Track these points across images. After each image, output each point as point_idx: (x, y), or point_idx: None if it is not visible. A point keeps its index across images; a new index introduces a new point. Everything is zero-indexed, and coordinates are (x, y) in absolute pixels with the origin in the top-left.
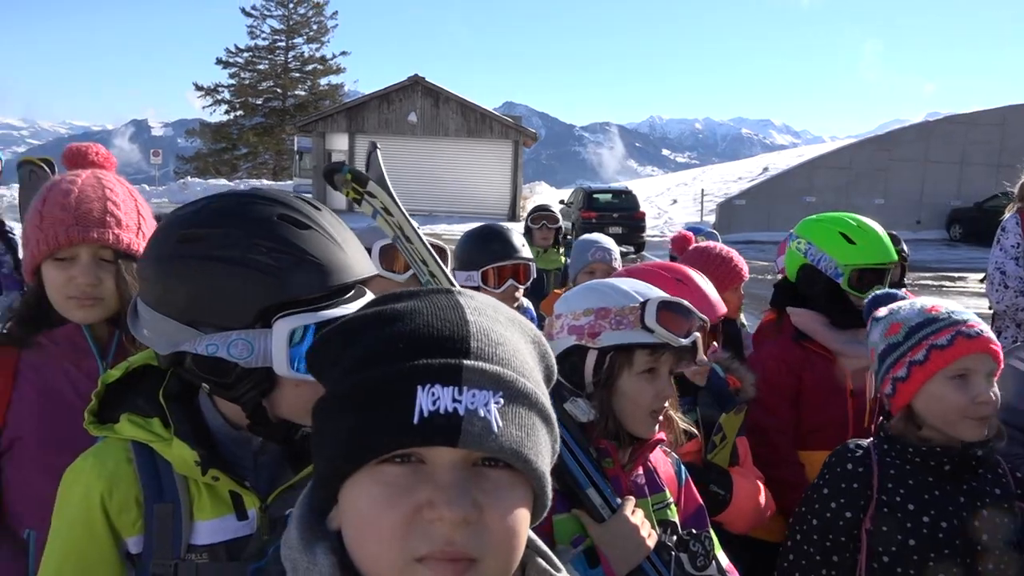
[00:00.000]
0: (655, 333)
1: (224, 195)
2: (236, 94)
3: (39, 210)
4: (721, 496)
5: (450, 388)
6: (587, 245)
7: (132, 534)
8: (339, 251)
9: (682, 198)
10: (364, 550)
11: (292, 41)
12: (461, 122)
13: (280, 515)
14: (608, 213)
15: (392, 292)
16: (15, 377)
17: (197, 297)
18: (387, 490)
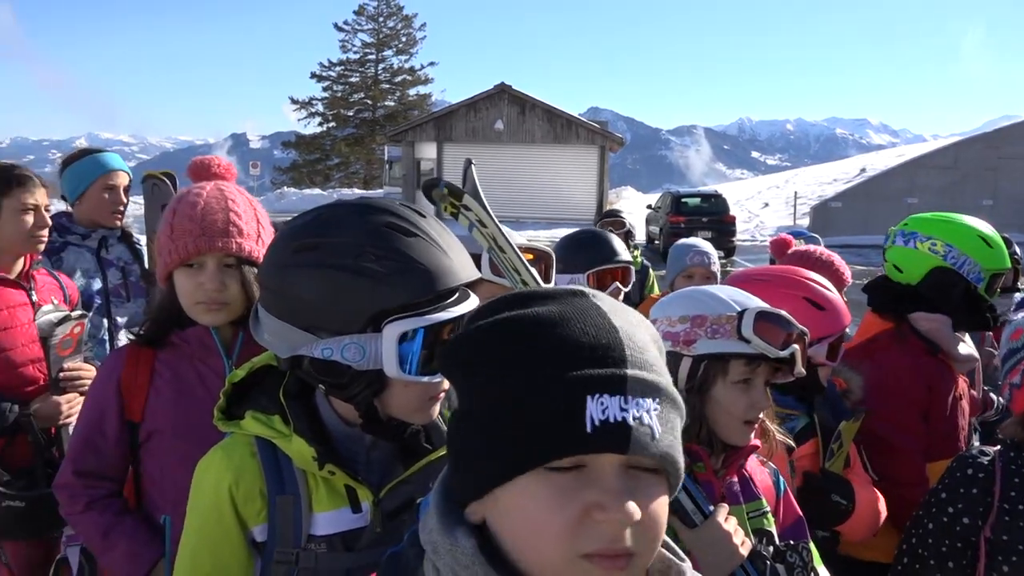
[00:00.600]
0: (752, 344)
1: (335, 205)
2: (329, 106)
3: (170, 222)
4: (844, 506)
5: (616, 397)
6: (684, 249)
7: (257, 523)
8: (444, 256)
9: (774, 201)
10: (530, 546)
11: (382, 54)
12: (547, 128)
13: (392, 508)
14: (697, 217)
15: (518, 294)
16: (152, 375)
17: (312, 304)
18: (556, 493)
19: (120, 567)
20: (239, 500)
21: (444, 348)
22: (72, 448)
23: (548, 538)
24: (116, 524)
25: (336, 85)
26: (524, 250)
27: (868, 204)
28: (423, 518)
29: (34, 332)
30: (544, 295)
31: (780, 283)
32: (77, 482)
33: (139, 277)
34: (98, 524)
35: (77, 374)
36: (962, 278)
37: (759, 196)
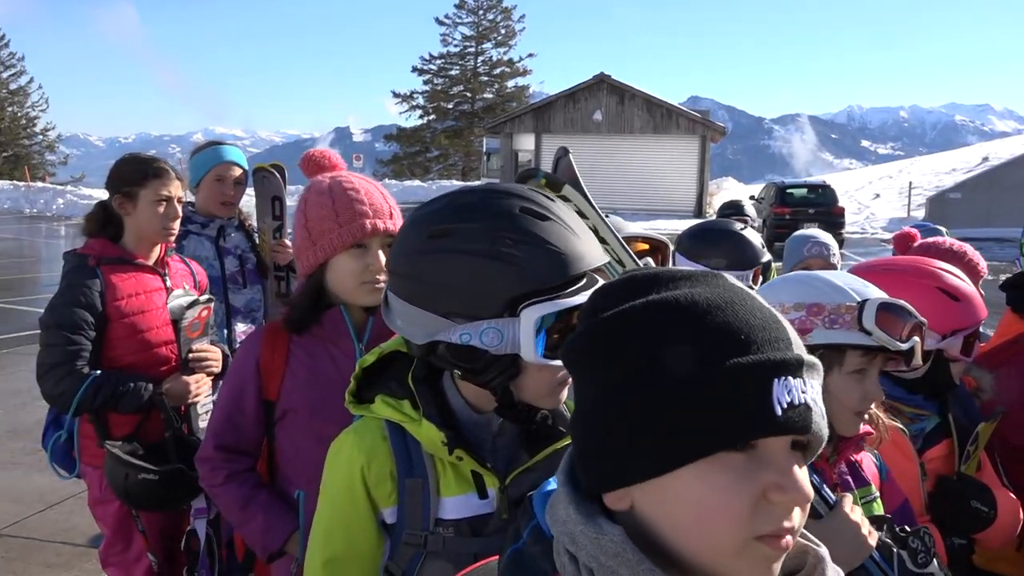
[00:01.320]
0: (873, 336)
1: (465, 191)
2: (429, 99)
3: (332, 208)
4: (985, 513)
5: (798, 380)
6: (802, 240)
7: (387, 505)
8: (577, 239)
9: (886, 192)
10: (702, 531)
11: (482, 46)
12: (647, 119)
13: (518, 495)
14: (803, 209)
15: (650, 275)
16: (288, 356)
17: (449, 289)
18: (734, 476)
19: (257, 538)
20: (371, 482)
21: (582, 335)
22: (213, 423)
23: (725, 522)
24: (253, 497)
25: (436, 78)
26: (639, 239)
27: (991, 195)
28: (547, 510)
29: (167, 315)
30: (682, 276)
31: (911, 273)
32: (217, 455)
33: (255, 265)
34: (237, 496)
35: (204, 355)
36: None
37: (870, 187)
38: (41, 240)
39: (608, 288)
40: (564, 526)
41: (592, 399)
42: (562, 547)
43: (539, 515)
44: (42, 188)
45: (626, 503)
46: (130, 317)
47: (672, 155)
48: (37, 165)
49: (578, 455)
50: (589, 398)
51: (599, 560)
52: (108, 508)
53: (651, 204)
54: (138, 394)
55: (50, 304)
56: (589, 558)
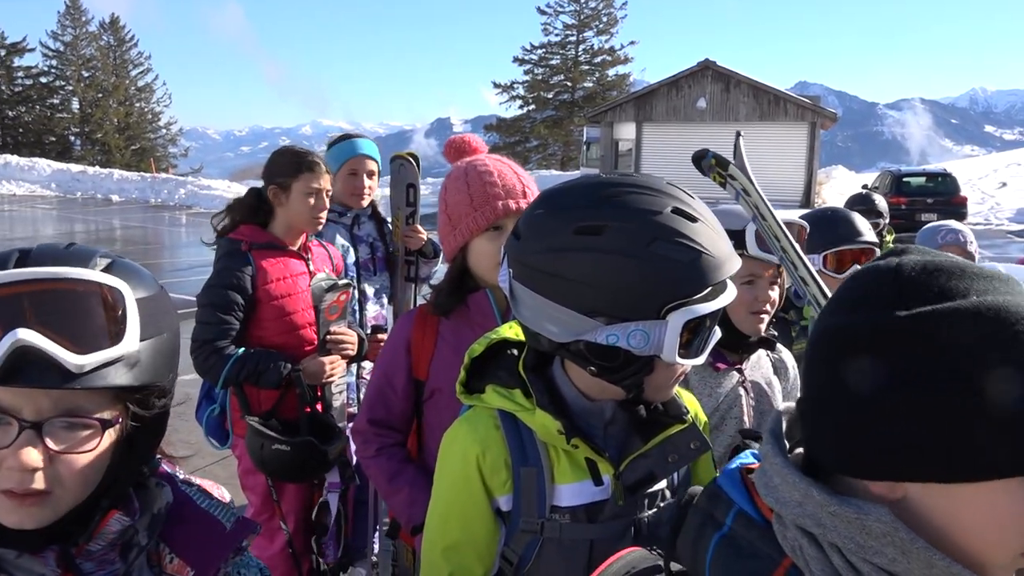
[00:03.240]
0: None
1: (605, 184)
2: (530, 89)
3: (467, 192)
4: None
5: None
6: (936, 229)
7: (503, 493)
8: (723, 243)
9: (1014, 180)
10: (993, 545)
11: (583, 35)
12: (753, 105)
13: (632, 481)
14: (921, 198)
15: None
16: (437, 338)
17: (598, 289)
18: None
19: (402, 510)
20: (486, 471)
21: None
22: (367, 399)
23: (1015, 545)
24: (401, 471)
25: (537, 68)
26: None
27: None
28: (766, 493)
29: (309, 298)
30: (991, 275)
31: None
32: (370, 429)
33: (385, 253)
34: (386, 469)
35: (341, 338)
36: None
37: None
38: (164, 228)
39: (915, 274)
40: (800, 508)
41: (888, 393)
42: (796, 528)
43: (739, 500)
44: (165, 179)
45: (899, 493)
46: (278, 300)
47: (779, 143)
48: (161, 157)
49: (845, 443)
50: (880, 391)
51: (856, 540)
52: (257, 479)
53: None
54: (278, 371)
55: (206, 284)
56: (842, 538)
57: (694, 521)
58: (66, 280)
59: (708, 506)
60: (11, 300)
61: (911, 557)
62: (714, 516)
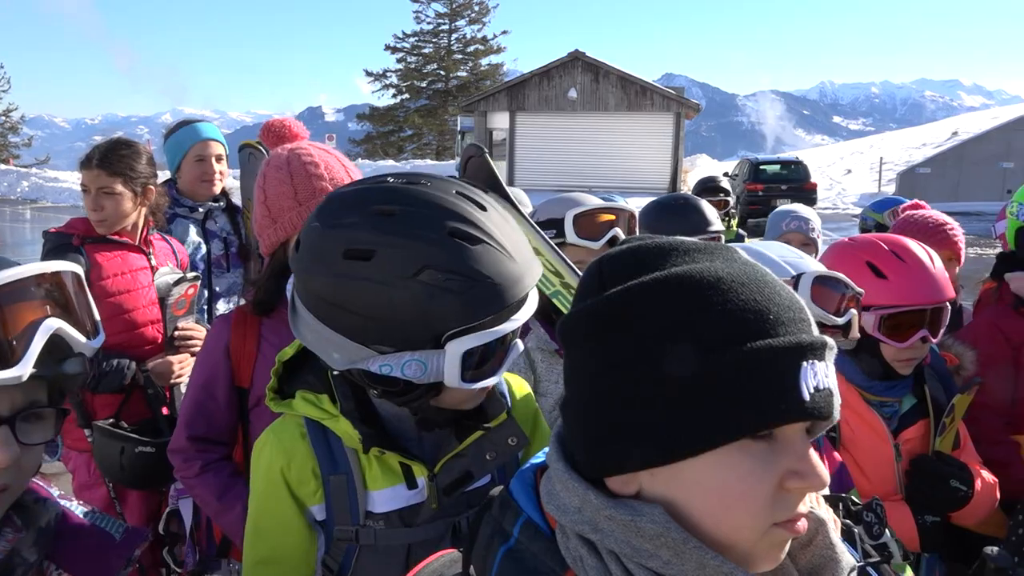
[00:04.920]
0: None
1: (385, 192)
2: (403, 78)
3: (291, 184)
4: (963, 492)
5: (822, 363)
6: (782, 216)
7: (314, 503)
8: (511, 263)
9: (857, 167)
10: (728, 517)
11: (455, 23)
12: (621, 96)
13: (448, 483)
14: (776, 185)
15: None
16: (259, 341)
17: (370, 320)
18: (756, 463)
19: (236, 528)
20: (292, 482)
21: (587, 314)
22: (184, 413)
23: (749, 510)
24: (231, 486)
25: (410, 56)
26: (603, 211)
27: (960, 170)
28: (548, 501)
29: (153, 295)
30: (695, 248)
31: (848, 244)
32: (191, 446)
33: (238, 248)
34: (213, 486)
35: (190, 334)
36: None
37: (841, 162)
38: (6, 224)
39: (614, 260)
40: (579, 514)
41: (597, 380)
42: (577, 537)
43: (528, 508)
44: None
45: (633, 487)
46: (115, 296)
47: (647, 132)
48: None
49: (580, 439)
50: (593, 379)
51: (632, 544)
52: (96, 493)
53: (626, 182)
54: (120, 373)
55: None
56: (619, 543)
57: (485, 531)
58: None
59: (499, 515)
60: None
61: (684, 558)
62: (503, 526)
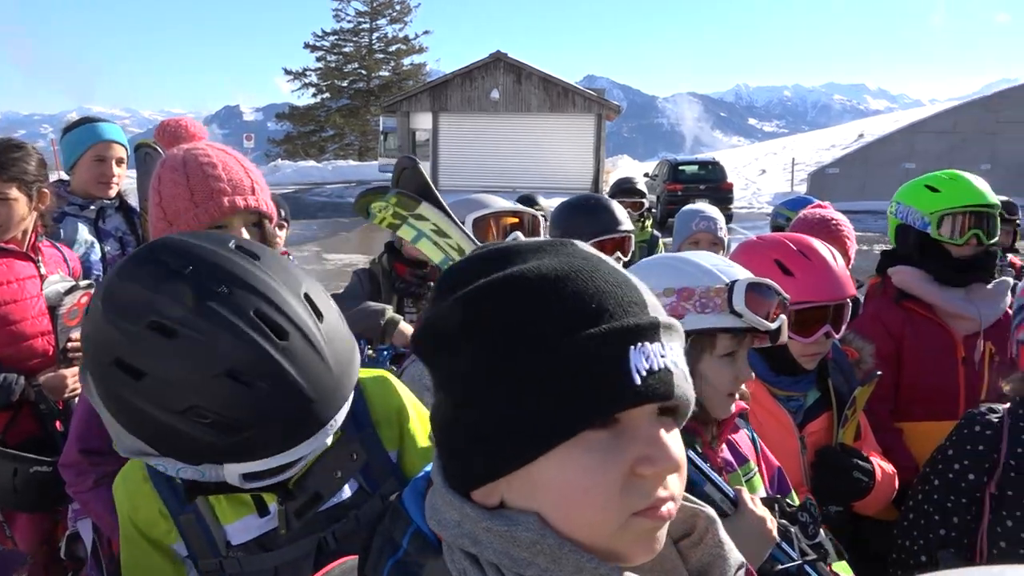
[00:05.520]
0: (744, 318)
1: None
2: (323, 77)
3: (187, 185)
4: (865, 483)
5: (656, 344)
6: (691, 215)
7: (171, 541)
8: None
9: (771, 168)
10: (578, 515)
11: (376, 23)
12: (543, 97)
13: (299, 505)
14: (694, 185)
15: (498, 249)
16: None
17: (142, 432)
18: (598, 455)
19: None
20: (141, 526)
21: (422, 330)
22: (76, 426)
23: (598, 503)
24: None
25: (330, 55)
26: (508, 213)
27: (865, 170)
28: (430, 516)
29: (43, 305)
30: (531, 248)
31: (762, 245)
32: (84, 460)
33: (135, 248)
34: (108, 501)
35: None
36: (912, 228)
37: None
38: None
39: (455, 270)
40: (459, 528)
41: (446, 392)
42: (459, 551)
43: (417, 518)
44: None
45: (495, 498)
46: (1, 307)
47: (569, 133)
48: None
49: (441, 454)
50: (443, 392)
51: (510, 555)
52: None
53: (548, 182)
54: (7, 389)
55: None
56: (498, 555)
57: (376, 543)
58: None
59: (390, 525)
60: None
61: (561, 563)
62: (393, 537)
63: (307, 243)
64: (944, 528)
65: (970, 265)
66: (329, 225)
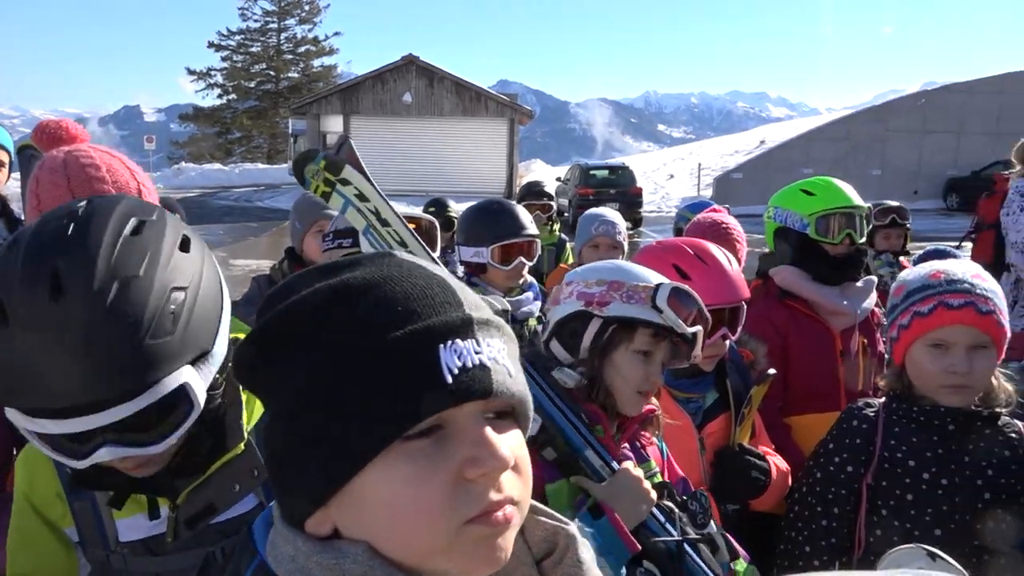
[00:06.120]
0: (663, 314)
1: None
2: (229, 77)
3: (67, 188)
4: (762, 482)
5: (469, 341)
6: (591, 219)
7: (65, 525)
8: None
9: (679, 173)
10: (408, 532)
11: (284, 22)
12: (456, 101)
13: (191, 514)
14: (605, 189)
15: (315, 269)
16: None
17: None
18: (420, 463)
19: None
20: (37, 505)
21: (237, 352)
22: None
23: (423, 515)
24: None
25: (236, 55)
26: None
27: (767, 175)
28: (269, 550)
29: None
30: (350, 263)
31: (656, 248)
32: None
33: None
34: None
35: None
36: (791, 231)
37: (665, 168)
38: None
39: (277, 290)
40: (294, 563)
41: (268, 413)
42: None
43: (263, 550)
44: None
45: (328, 527)
46: None
47: (482, 138)
48: None
49: (272, 483)
50: (267, 412)
51: None
52: None
53: (462, 186)
54: None
55: None
56: None
57: (227, 572)
58: None
59: (238, 556)
60: None
61: None
62: (239, 569)
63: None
64: (825, 519)
65: (844, 263)
66: (236, 230)
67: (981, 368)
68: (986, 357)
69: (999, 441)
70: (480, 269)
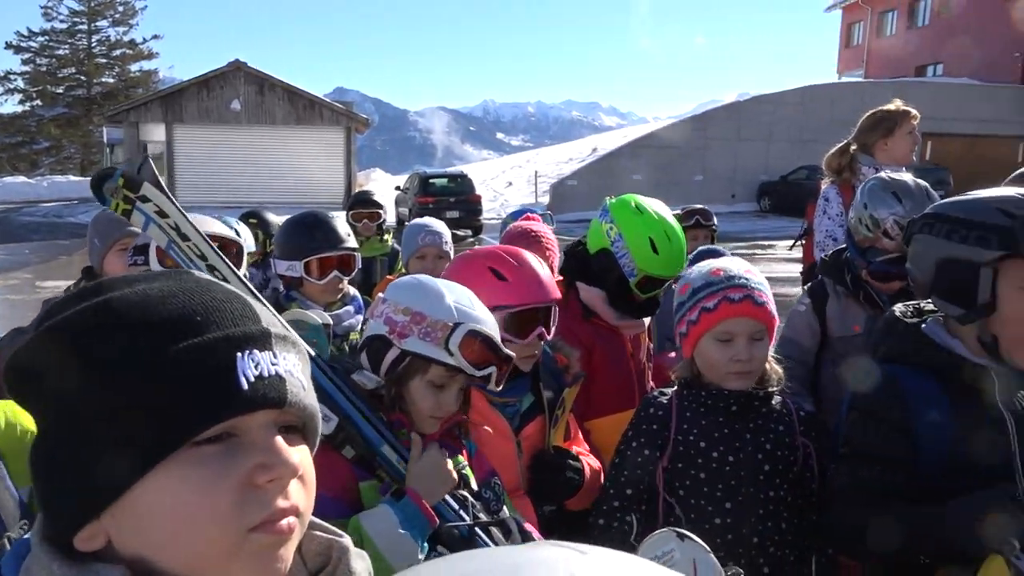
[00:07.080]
0: (453, 357)
1: None
2: (32, 82)
3: None
4: (576, 482)
5: (266, 352)
6: (417, 229)
7: None
8: None
9: (517, 180)
10: (188, 538)
11: (95, 24)
12: (289, 109)
13: None
14: (445, 197)
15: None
16: None
17: None
18: (211, 468)
19: None
20: None
21: (9, 363)
22: None
23: (210, 520)
24: None
25: (40, 58)
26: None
27: (600, 181)
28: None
29: None
30: (148, 276)
31: (472, 254)
32: None
33: None
34: None
35: None
36: (619, 267)
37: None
38: None
39: (54, 305)
40: None
41: (39, 427)
42: None
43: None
44: None
45: (100, 540)
46: None
47: (317, 147)
48: None
49: (39, 498)
50: (38, 426)
51: None
52: None
53: (298, 197)
54: None
55: None
56: None
57: None
58: None
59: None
60: None
61: None
62: None
63: (17, 270)
64: (630, 500)
65: (644, 306)
66: (45, 248)
67: (759, 355)
68: (763, 345)
69: (773, 417)
70: (298, 283)
